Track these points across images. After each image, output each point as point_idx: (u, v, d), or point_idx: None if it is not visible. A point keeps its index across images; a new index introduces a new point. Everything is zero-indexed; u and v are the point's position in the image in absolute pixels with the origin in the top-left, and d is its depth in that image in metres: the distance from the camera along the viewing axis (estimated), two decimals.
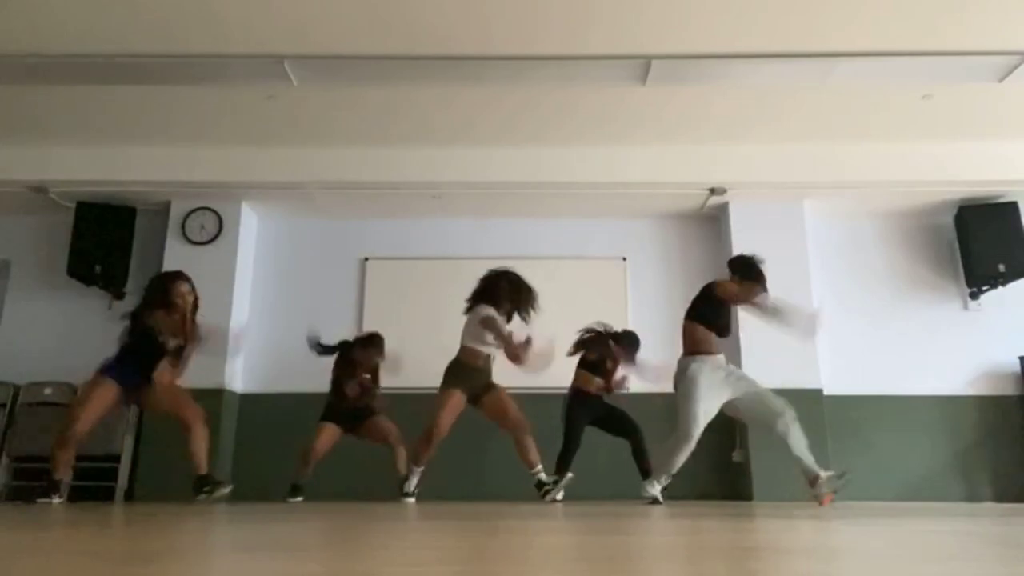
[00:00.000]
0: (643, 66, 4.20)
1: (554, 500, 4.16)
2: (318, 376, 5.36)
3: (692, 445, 3.75)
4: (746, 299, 3.88)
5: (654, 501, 3.85)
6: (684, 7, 3.72)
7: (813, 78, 4.34)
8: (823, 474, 3.68)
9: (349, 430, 4.72)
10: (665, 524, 2.10)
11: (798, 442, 3.67)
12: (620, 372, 4.79)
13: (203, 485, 3.97)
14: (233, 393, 5.44)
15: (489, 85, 4.49)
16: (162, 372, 3.95)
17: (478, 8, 3.73)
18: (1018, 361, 5.46)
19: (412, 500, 4.27)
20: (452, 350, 4.45)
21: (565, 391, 4.80)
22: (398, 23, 3.85)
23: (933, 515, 2.77)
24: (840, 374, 5.34)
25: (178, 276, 4.14)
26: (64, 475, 3.90)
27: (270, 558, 1.16)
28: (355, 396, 4.69)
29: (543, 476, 4.26)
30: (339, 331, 5.71)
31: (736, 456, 5.32)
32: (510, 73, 4.29)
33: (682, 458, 3.78)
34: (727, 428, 5.44)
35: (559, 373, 4.71)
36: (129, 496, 5.06)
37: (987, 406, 5.42)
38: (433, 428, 4.14)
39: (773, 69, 4.22)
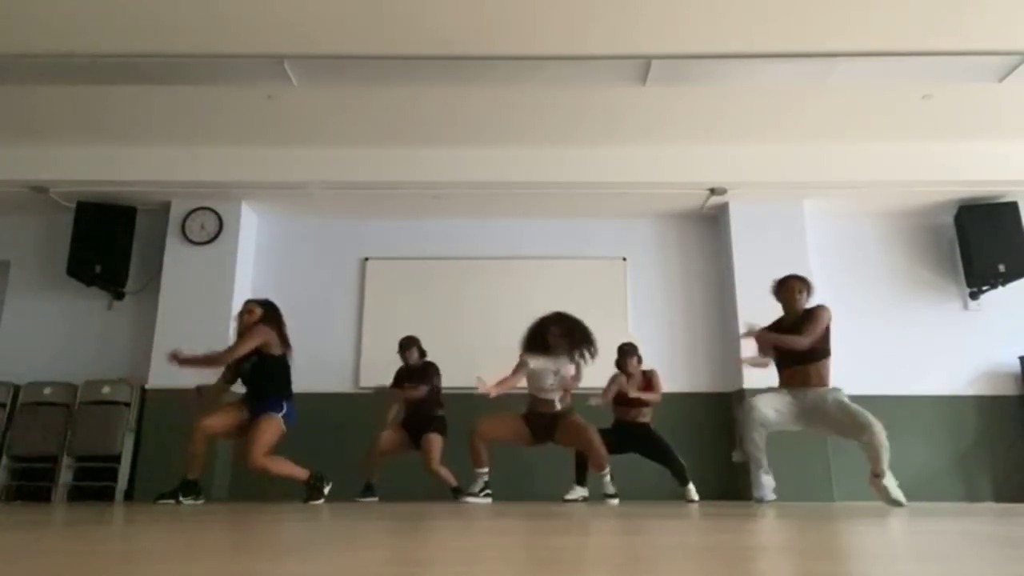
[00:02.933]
0: (643, 66, 4.20)
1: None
2: (318, 376, 5.37)
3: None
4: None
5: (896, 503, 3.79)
6: (684, 7, 3.72)
7: (813, 78, 4.34)
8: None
9: (413, 444, 4.79)
10: (665, 524, 2.10)
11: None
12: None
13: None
14: (233, 393, 5.43)
15: (489, 85, 4.49)
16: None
17: (478, 8, 3.73)
18: (1018, 361, 5.46)
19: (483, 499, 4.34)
20: (451, 349, 4.46)
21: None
22: (398, 23, 3.85)
23: (933, 515, 2.77)
24: (840, 374, 5.31)
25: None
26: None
27: (271, 558, 1.16)
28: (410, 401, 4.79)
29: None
30: (339, 331, 5.73)
31: (736, 456, 5.31)
32: (510, 73, 4.29)
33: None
34: (727, 428, 5.44)
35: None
36: (129, 496, 5.06)
37: (987, 406, 5.42)
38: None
39: (773, 69, 4.22)
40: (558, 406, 4.42)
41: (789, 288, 4.04)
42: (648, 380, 4.80)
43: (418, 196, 5.60)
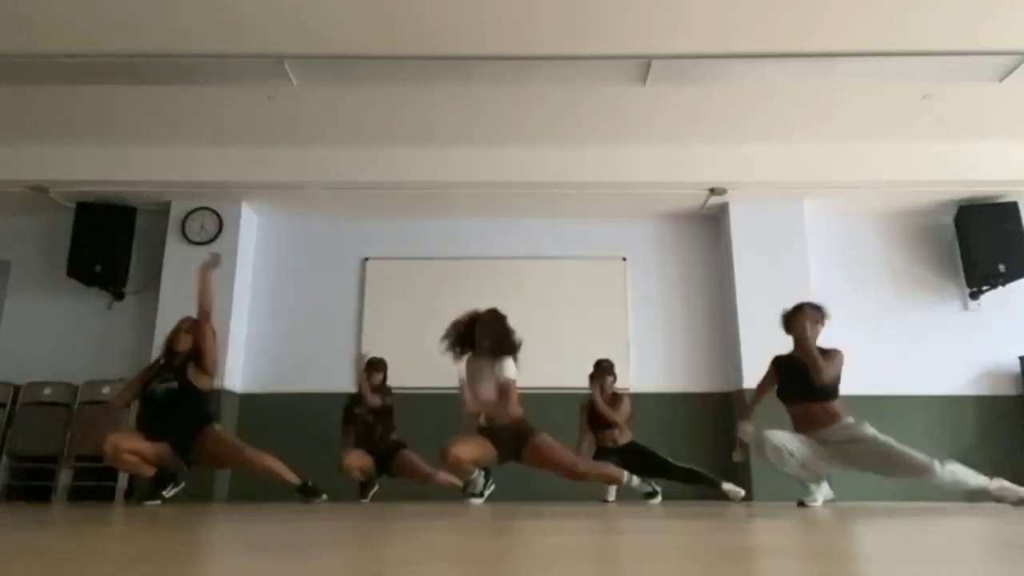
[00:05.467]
0: (643, 66, 4.20)
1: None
2: (318, 376, 5.36)
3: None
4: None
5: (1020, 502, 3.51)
6: (684, 7, 3.72)
7: (813, 78, 4.34)
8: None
9: (383, 470, 4.64)
10: (665, 524, 2.10)
11: None
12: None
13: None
14: (232, 393, 5.44)
15: (489, 85, 4.49)
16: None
17: (478, 8, 3.73)
18: (1018, 361, 5.46)
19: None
20: None
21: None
22: (398, 23, 3.85)
23: (933, 515, 2.77)
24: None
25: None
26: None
27: (271, 558, 1.16)
28: (371, 408, 4.67)
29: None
30: (339, 331, 5.72)
31: (736, 456, 5.31)
32: (510, 73, 4.29)
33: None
34: (727, 428, 5.44)
35: (566, 373, 4.71)
36: (129, 496, 5.06)
37: (987, 406, 5.41)
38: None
39: (773, 69, 4.22)
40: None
41: (805, 317, 3.83)
42: (614, 401, 4.68)
43: (418, 196, 5.60)
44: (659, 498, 4.36)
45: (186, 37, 3.95)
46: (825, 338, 5.18)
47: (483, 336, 3.99)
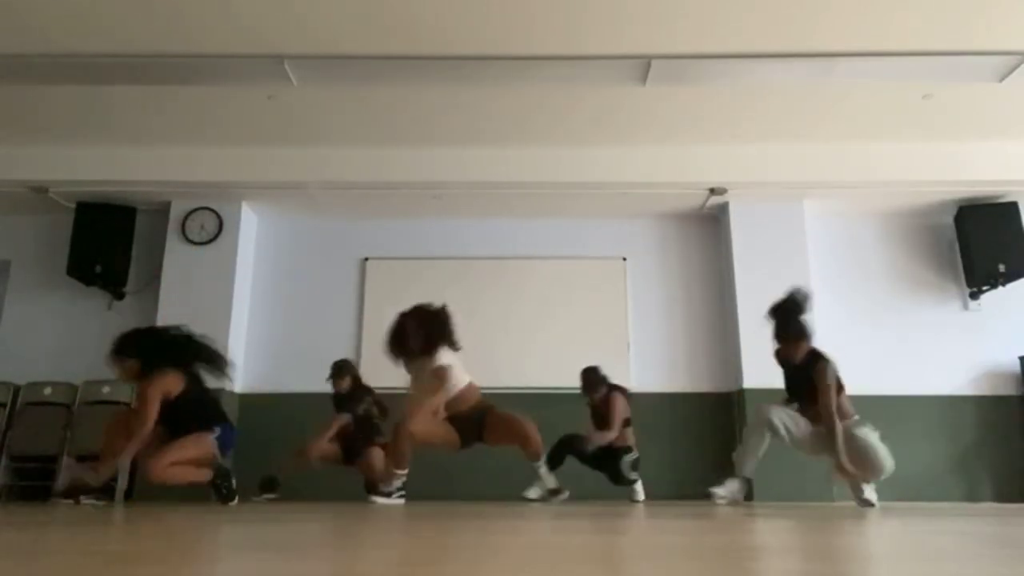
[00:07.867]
0: (643, 66, 4.20)
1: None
2: (318, 376, 5.35)
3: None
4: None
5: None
6: (684, 7, 3.72)
7: (813, 78, 4.34)
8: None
9: (348, 462, 4.64)
10: (665, 524, 2.10)
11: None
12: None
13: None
14: (232, 393, 5.44)
15: (489, 85, 4.49)
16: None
17: (478, 8, 3.73)
18: (1018, 361, 5.46)
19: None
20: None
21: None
22: (398, 23, 3.85)
23: (933, 515, 2.77)
24: (839, 374, 5.34)
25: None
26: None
27: (270, 558, 1.16)
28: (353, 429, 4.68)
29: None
30: (339, 331, 5.72)
31: (736, 456, 5.31)
32: (510, 73, 4.29)
33: None
34: (727, 428, 5.44)
35: (565, 374, 4.71)
36: (129, 496, 5.06)
37: (987, 406, 5.42)
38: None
39: (773, 69, 4.22)
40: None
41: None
42: (607, 404, 4.57)
43: (418, 196, 5.60)
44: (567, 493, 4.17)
45: (186, 37, 3.95)
46: (825, 339, 5.18)
47: (415, 337, 4.05)
